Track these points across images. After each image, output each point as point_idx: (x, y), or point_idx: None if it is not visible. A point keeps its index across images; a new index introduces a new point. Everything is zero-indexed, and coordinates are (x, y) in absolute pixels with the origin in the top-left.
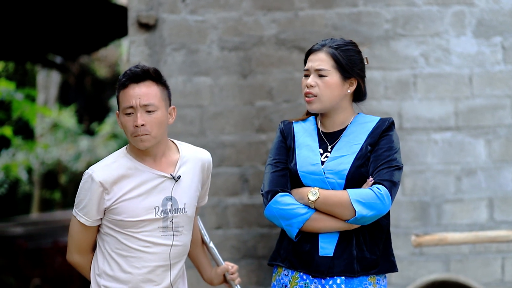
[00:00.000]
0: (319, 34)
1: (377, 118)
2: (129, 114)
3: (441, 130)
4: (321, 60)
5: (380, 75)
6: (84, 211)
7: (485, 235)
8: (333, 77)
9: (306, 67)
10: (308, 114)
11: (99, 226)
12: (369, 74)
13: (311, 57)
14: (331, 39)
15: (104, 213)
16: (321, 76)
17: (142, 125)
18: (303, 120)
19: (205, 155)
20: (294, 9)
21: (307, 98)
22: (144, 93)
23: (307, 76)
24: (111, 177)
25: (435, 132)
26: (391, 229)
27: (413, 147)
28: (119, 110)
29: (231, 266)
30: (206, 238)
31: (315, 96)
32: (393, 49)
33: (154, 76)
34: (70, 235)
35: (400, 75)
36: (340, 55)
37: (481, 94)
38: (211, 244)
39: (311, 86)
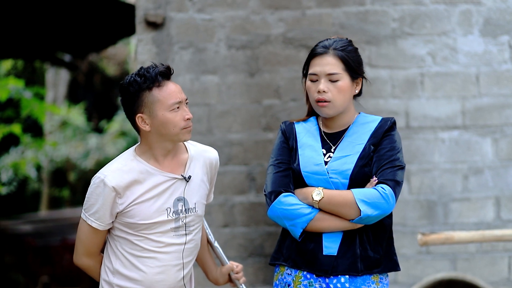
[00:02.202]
0: (326, 33)
1: (379, 118)
2: (176, 109)
3: (448, 129)
4: (332, 64)
5: (387, 74)
6: (96, 216)
7: (492, 234)
8: (345, 80)
9: (313, 71)
10: (309, 114)
11: (110, 229)
12: (376, 73)
13: (317, 61)
14: (332, 40)
15: (116, 216)
16: (332, 80)
17: None
18: (304, 120)
19: (212, 153)
20: (302, 8)
21: (319, 104)
22: (180, 88)
23: (314, 81)
24: (124, 181)
25: (442, 131)
26: (398, 227)
27: (420, 145)
28: (149, 111)
29: (236, 265)
30: (211, 237)
31: (328, 101)
32: (400, 48)
33: (172, 72)
34: (78, 238)
35: (407, 74)
36: (348, 57)
37: (488, 93)
38: (216, 244)
39: (324, 92)
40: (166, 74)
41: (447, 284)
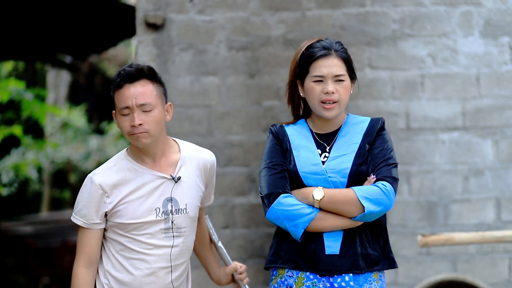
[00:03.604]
0: (327, 34)
1: (369, 118)
2: (126, 114)
3: (449, 130)
4: (338, 66)
5: (388, 75)
6: (81, 213)
7: (492, 235)
8: (348, 81)
9: (320, 73)
10: (297, 117)
11: (104, 231)
12: (376, 74)
13: (322, 63)
14: (330, 41)
15: (107, 217)
16: (338, 81)
17: (140, 124)
18: (294, 123)
19: (208, 156)
20: (302, 9)
21: (327, 105)
22: (140, 92)
23: (318, 81)
24: (111, 180)
25: (443, 132)
26: (398, 229)
27: (420, 147)
28: (115, 110)
29: (239, 266)
30: (215, 237)
31: (336, 102)
32: (401, 49)
33: (148, 74)
34: (77, 244)
35: (407, 75)
36: (348, 58)
37: (488, 94)
38: (220, 244)
39: (332, 93)
40: (125, 77)
41: (448, 285)
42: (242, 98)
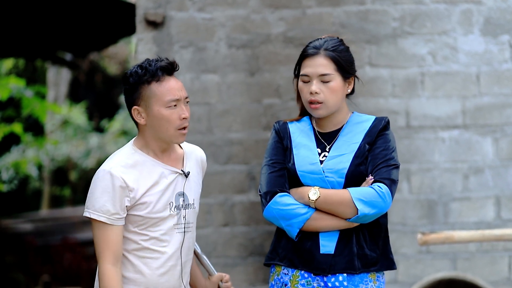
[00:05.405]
0: (327, 32)
1: (373, 117)
2: (173, 107)
3: (449, 128)
4: (323, 65)
5: (388, 73)
6: (104, 209)
7: (492, 233)
8: (337, 80)
9: (305, 72)
10: (302, 114)
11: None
12: (376, 72)
13: (308, 62)
14: (323, 40)
15: (127, 211)
16: (324, 81)
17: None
18: (298, 120)
19: (202, 152)
20: (302, 7)
21: (312, 105)
22: (181, 85)
23: (306, 82)
24: (131, 174)
25: (443, 130)
26: (398, 227)
27: (420, 145)
28: (145, 104)
29: (224, 275)
30: (198, 248)
31: (321, 102)
32: (401, 47)
33: (176, 69)
34: (96, 244)
35: (407, 73)
36: (339, 57)
37: (488, 92)
38: (203, 255)
39: (316, 93)
40: (167, 69)
41: (447, 284)
42: (242, 96)
